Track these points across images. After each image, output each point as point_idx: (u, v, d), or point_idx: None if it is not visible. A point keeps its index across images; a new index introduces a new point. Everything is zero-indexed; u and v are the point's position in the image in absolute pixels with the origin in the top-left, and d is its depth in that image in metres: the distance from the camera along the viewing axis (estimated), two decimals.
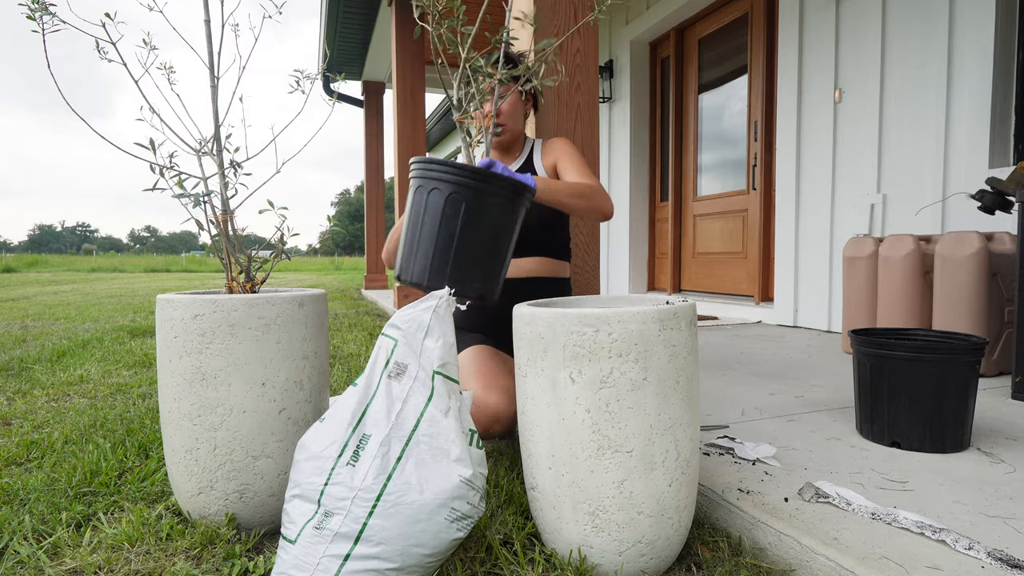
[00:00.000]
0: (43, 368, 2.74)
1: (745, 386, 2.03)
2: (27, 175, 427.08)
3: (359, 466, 0.92)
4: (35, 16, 1.09)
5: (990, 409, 1.70)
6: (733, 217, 4.35)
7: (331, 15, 5.86)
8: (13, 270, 16.75)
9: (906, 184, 2.97)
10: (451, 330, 1.04)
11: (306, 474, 0.95)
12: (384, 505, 0.90)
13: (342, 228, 57.13)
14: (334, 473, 0.93)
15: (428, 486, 0.91)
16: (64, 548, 1.08)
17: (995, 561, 0.85)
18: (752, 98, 4.09)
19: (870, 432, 1.43)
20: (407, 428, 0.95)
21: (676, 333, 0.94)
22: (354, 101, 7.96)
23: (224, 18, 1.22)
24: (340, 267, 23.10)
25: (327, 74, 6.50)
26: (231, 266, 1.24)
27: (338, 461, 0.94)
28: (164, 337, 1.13)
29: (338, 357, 3.00)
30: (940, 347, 1.34)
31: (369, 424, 0.96)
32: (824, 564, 0.90)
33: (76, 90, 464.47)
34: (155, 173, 1.18)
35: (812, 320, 3.51)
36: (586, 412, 0.92)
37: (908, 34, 2.93)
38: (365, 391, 0.99)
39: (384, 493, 0.90)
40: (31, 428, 1.82)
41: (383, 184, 7.93)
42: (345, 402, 0.99)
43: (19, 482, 1.36)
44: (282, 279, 12.74)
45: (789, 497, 1.10)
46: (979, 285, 2.12)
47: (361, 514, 0.89)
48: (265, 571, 1.00)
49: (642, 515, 0.93)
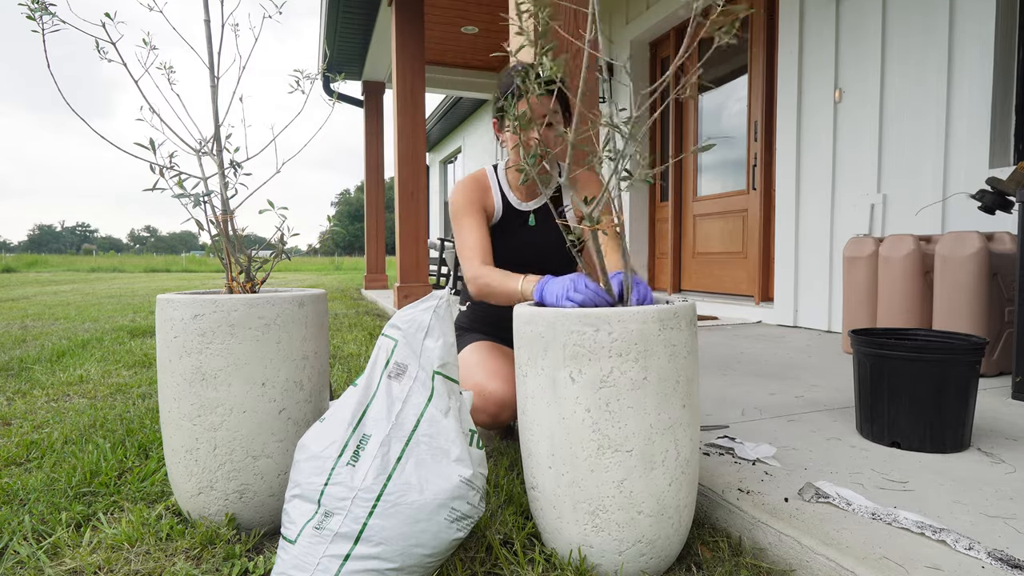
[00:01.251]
0: (43, 368, 2.74)
1: (745, 386, 2.03)
2: (27, 175, 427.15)
3: (359, 466, 0.92)
4: (35, 16, 1.09)
5: (990, 409, 1.70)
6: (733, 217, 4.35)
7: (331, 15, 5.86)
8: (13, 270, 16.75)
9: (906, 184, 2.97)
10: (451, 330, 1.04)
11: (306, 474, 0.95)
12: (384, 505, 0.90)
13: (342, 228, 57.11)
14: (334, 473, 0.93)
15: (428, 486, 0.91)
16: (64, 548, 1.07)
17: (995, 561, 0.85)
18: (752, 98, 4.09)
19: (870, 432, 1.43)
20: (407, 428, 0.95)
21: (676, 333, 0.94)
22: (354, 101, 7.96)
23: (224, 18, 1.22)
24: (340, 267, 23.10)
25: (327, 74, 6.50)
26: (231, 266, 1.24)
27: (338, 461, 0.94)
28: (164, 337, 1.13)
29: (338, 357, 3.00)
30: (940, 347, 1.34)
31: (369, 424, 0.96)
32: (824, 564, 0.90)
33: (76, 90, 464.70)
34: (155, 173, 1.18)
35: (812, 320, 3.51)
36: (586, 411, 0.92)
37: (908, 35, 2.93)
38: (365, 391, 0.99)
39: (384, 493, 0.90)
40: (31, 428, 1.82)
41: (383, 184, 7.93)
42: (345, 402, 0.99)
43: (19, 482, 1.36)
44: (282, 279, 12.74)
45: (789, 497, 1.10)
46: (979, 285, 2.12)
47: (361, 514, 0.89)
48: (265, 571, 1.00)
49: (642, 514, 0.93)
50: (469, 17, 5.85)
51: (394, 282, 5.41)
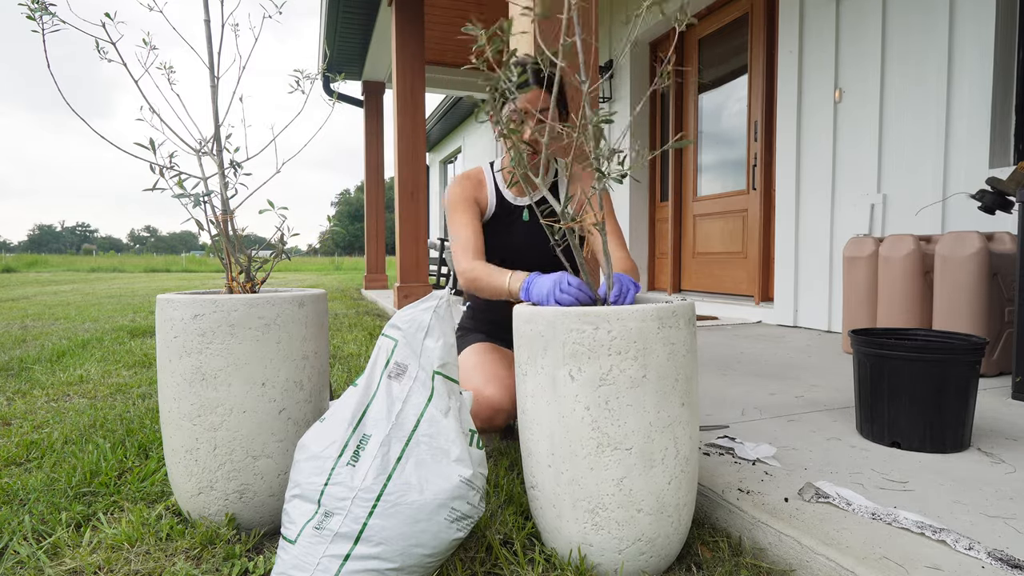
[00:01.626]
0: (43, 368, 2.74)
1: (745, 386, 2.03)
2: (27, 175, 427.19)
3: (359, 466, 0.92)
4: (35, 16, 1.09)
5: (990, 409, 1.70)
6: (733, 217, 4.35)
7: (331, 15, 5.86)
8: (13, 270, 16.75)
9: (906, 184, 2.97)
10: (451, 330, 1.04)
11: (306, 474, 0.95)
12: (384, 505, 0.90)
13: (342, 228, 57.12)
14: (334, 473, 0.93)
15: (428, 486, 0.91)
16: (64, 548, 1.08)
17: (995, 561, 0.85)
18: (752, 98, 4.09)
19: (870, 432, 1.43)
20: (407, 428, 0.95)
21: (675, 331, 0.94)
22: (354, 101, 7.96)
23: (224, 18, 1.22)
24: (340, 267, 23.10)
25: (327, 74, 6.50)
26: (231, 266, 1.24)
27: (338, 461, 0.94)
28: (164, 337, 1.13)
29: (338, 357, 3.00)
30: (940, 347, 1.34)
31: (369, 424, 0.96)
32: (824, 564, 0.90)
33: (76, 90, 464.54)
34: (155, 173, 1.18)
35: (812, 320, 3.51)
36: (585, 410, 0.92)
37: (908, 34, 2.93)
38: (365, 391, 0.99)
39: (384, 493, 0.90)
40: (31, 428, 1.82)
41: (383, 184, 7.93)
42: (345, 402, 1.00)
43: (19, 482, 1.36)
44: (282, 279, 12.74)
45: (789, 497, 1.10)
46: (979, 285, 2.12)
47: (361, 514, 0.89)
48: (265, 571, 1.00)
49: (641, 513, 0.93)
50: (469, 17, 5.85)
51: (394, 282, 5.41)
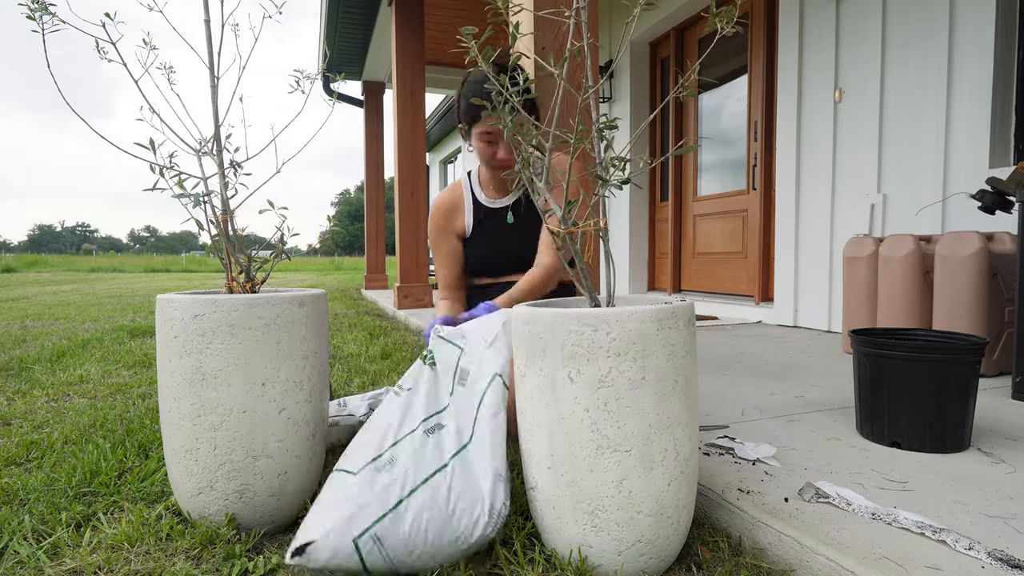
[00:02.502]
0: (43, 368, 2.74)
1: (745, 386, 2.03)
2: (27, 175, 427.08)
3: (430, 439, 1.07)
4: (35, 16, 1.09)
5: (990, 409, 1.70)
6: (733, 217, 4.35)
7: (331, 15, 5.86)
8: (13, 270, 16.76)
9: (906, 184, 2.97)
10: (510, 343, 1.15)
11: (377, 434, 1.09)
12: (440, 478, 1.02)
13: (342, 228, 57.12)
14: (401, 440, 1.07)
15: (471, 481, 1.04)
16: (64, 548, 1.08)
17: (995, 561, 0.85)
18: (752, 98, 4.09)
19: (870, 432, 1.43)
20: (468, 423, 1.09)
21: (674, 332, 0.94)
22: (354, 101, 7.96)
23: (224, 18, 1.22)
24: (340, 267, 23.11)
25: (327, 74, 6.50)
26: (231, 266, 1.24)
27: (404, 434, 1.08)
28: (164, 337, 1.13)
29: (338, 357, 3.00)
30: (940, 347, 1.34)
31: (445, 417, 1.12)
32: (824, 564, 0.90)
33: (76, 90, 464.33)
34: (155, 173, 1.18)
35: (812, 320, 3.51)
36: (585, 411, 0.92)
37: (908, 35, 2.93)
38: (432, 393, 1.14)
39: (440, 471, 1.03)
40: (31, 428, 1.82)
41: (383, 184, 7.93)
42: (420, 392, 1.15)
43: (19, 482, 1.36)
44: (282, 279, 12.74)
45: (789, 497, 1.10)
46: (979, 285, 2.12)
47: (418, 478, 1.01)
48: (265, 571, 1.00)
49: (641, 514, 0.93)
50: (469, 17, 5.85)
51: (394, 282, 5.41)
